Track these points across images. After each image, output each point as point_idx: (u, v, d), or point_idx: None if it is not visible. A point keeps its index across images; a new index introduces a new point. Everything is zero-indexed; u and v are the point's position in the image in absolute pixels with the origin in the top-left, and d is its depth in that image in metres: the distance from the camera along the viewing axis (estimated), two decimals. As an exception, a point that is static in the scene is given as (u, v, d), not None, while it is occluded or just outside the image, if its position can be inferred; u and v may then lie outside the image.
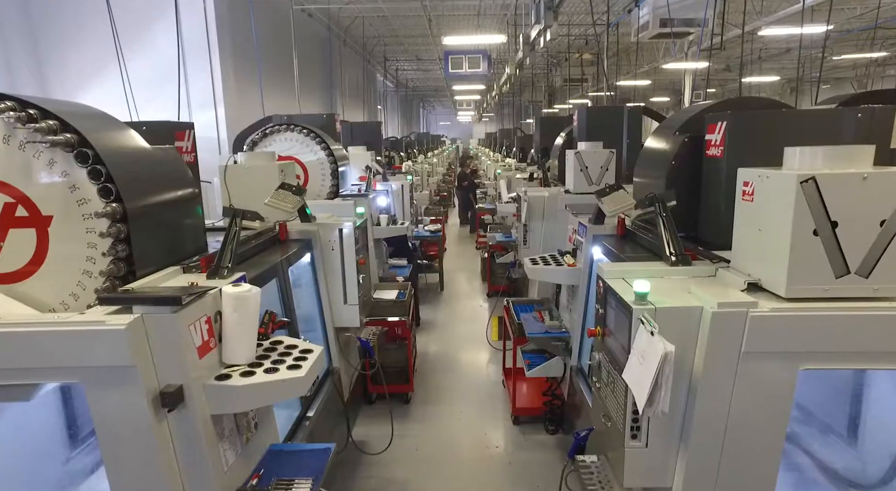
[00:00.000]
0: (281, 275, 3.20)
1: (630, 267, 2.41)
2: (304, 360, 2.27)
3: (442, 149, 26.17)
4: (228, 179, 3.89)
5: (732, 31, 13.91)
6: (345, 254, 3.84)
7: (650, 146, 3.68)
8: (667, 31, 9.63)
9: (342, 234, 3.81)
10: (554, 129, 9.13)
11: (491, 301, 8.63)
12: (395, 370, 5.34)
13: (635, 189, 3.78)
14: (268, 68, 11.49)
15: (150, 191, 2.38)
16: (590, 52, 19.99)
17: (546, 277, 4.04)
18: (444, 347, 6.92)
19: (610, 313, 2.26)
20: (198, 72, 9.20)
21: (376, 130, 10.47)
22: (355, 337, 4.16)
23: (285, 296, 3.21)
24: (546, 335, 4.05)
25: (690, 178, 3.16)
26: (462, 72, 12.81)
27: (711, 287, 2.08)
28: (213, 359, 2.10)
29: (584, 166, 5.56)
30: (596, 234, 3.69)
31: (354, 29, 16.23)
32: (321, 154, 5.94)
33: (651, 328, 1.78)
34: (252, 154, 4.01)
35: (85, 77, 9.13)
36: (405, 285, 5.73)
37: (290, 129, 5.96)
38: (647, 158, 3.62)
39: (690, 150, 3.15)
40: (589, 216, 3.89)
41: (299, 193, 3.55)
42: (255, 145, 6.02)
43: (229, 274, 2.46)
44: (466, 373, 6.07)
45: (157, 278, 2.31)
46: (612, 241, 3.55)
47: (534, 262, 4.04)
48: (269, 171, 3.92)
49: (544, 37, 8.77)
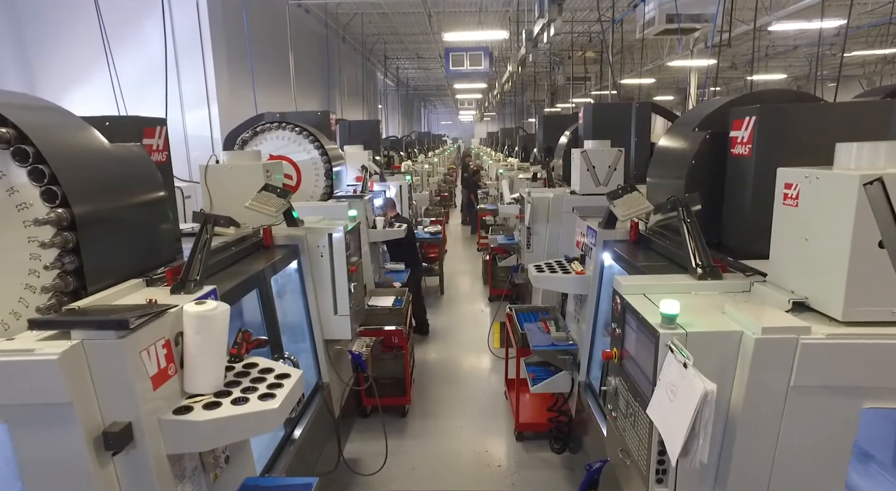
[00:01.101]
0: (263, 285, 2.92)
1: (652, 281, 2.12)
2: (279, 387, 1.99)
3: (443, 148, 25.91)
4: (210, 181, 3.62)
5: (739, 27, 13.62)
6: (335, 261, 3.56)
7: (666, 145, 3.40)
8: (673, 27, 9.33)
9: (332, 239, 3.53)
10: (558, 128, 8.84)
11: (493, 305, 8.34)
12: (391, 382, 5.05)
13: (649, 190, 3.50)
14: (264, 66, 11.21)
15: (105, 194, 2.10)
16: (593, 49, 19.71)
17: (552, 285, 3.75)
18: (444, 354, 6.63)
19: (629, 335, 1.97)
20: (190, 69, 8.93)
21: (375, 129, 10.17)
22: (346, 350, 3.87)
23: (267, 308, 2.93)
24: (552, 348, 3.76)
25: (712, 178, 2.87)
26: (463, 69, 12.52)
27: (749, 307, 1.79)
28: (172, 388, 1.82)
29: (592, 166, 5.28)
30: (607, 239, 3.41)
31: (354, 26, 15.95)
32: (314, 153, 5.66)
33: (684, 359, 1.49)
34: (235, 153, 3.73)
35: (74, 75, 8.86)
36: (402, 291, 5.44)
37: (282, 128, 5.68)
38: (663, 158, 3.34)
39: (712, 148, 2.87)
40: (598, 220, 3.60)
41: (284, 195, 3.26)
42: (246, 144, 5.74)
43: (197, 288, 2.18)
44: (467, 383, 5.79)
45: (113, 294, 2.02)
46: (625, 248, 3.26)
47: (539, 269, 3.75)
48: (254, 172, 3.63)
49: (548, 32, 8.48)
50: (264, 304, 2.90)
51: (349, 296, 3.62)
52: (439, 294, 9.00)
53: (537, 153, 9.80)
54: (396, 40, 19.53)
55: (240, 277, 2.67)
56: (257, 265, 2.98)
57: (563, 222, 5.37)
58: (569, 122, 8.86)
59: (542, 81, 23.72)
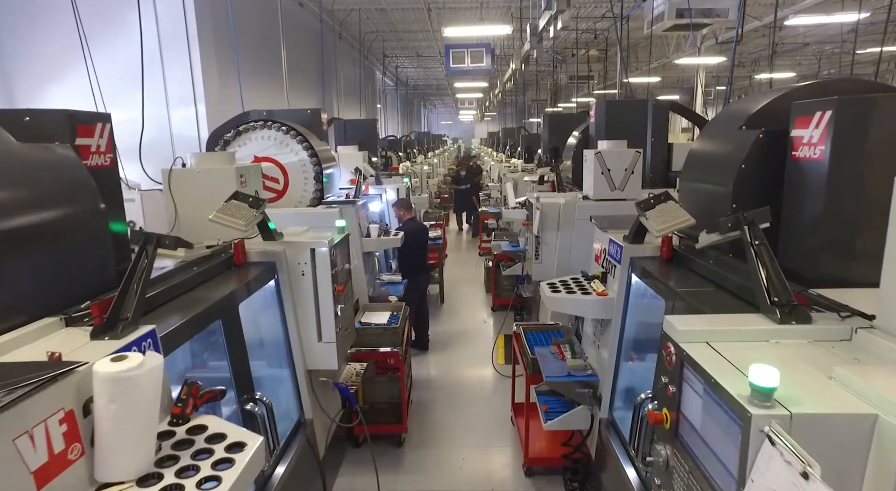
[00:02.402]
0: (228, 314, 2.44)
1: (716, 324, 1.63)
2: (229, 463, 1.51)
3: (443, 148, 25.42)
4: (175, 187, 3.14)
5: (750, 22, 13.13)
6: (318, 280, 3.08)
7: (705, 146, 2.92)
8: (684, 23, 8.85)
9: (315, 255, 3.05)
10: (563, 128, 8.38)
11: (496, 316, 7.86)
12: (386, 407, 4.56)
13: (682, 199, 3.02)
14: (256, 62, 10.72)
15: (7, 206, 1.62)
16: (597, 48, 19.22)
17: (570, 309, 3.27)
18: (444, 371, 6.15)
19: (690, 397, 1.49)
20: (176, 64, 8.44)
21: (372, 129, 9.72)
22: (331, 382, 3.38)
23: (233, 342, 2.45)
24: (569, 380, 3.28)
25: (766, 186, 2.39)
26: (464, 67, 12.03)
27: (870, 371, 1.30)
28: (73, 478, 1.34)
29: (607, 169, 4.81)
30: (634, 256, 2.92)
31: (351, 23, 15.46)
32: (303, 155, 5.19)
33: (804, 467, 1.00)
34: (205, 156, 3.25)
35: (52, 70, 8.36)
36: (399, 306, 4.96)
37: (268, 127, 5.21)
38: (702, 161, 2.85)
39: (766, 150, 2.39)
40: (622, 232, 3.12)
41: (257, 205, 2.78)
42: (228, 144, 5.27)
43: (128, 330, 1.70)
44: (469, 406, 5.30)
45: (9, 342, 1.54)
46: (656, 267, 2.78)
47: (553, 288, 3.27)
48: (225, 177, 3.16)
49: (554, 26, 7.99)
50: (230, 336, 2.42)
51: (335, 320, 3.14)
52: (439, 303, 8.50)
53: (542, 154, 9.33)
54: (395, 38, 19.03)
55: (197, 307, 2.19)
56: (222, 289, 2.50)
57: (575, 230, 4.90)
58: (575, 122, 8.39)
59: (544, 81, 23.23)
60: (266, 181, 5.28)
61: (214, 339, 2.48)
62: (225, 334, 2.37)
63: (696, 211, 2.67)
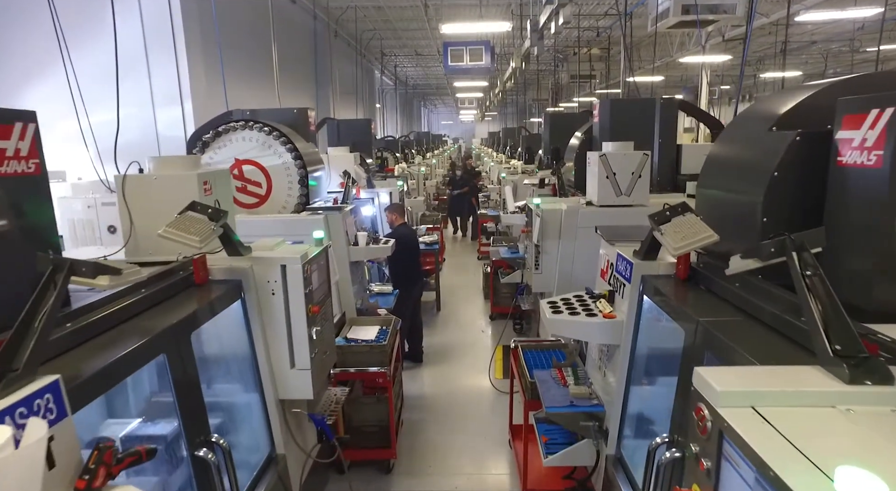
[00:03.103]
0: (176, 346, 2.09)
1: (765, 383, 1.27)
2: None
3: (443, 149, 25.08)
4: (130, 196, 2.80)
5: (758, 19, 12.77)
6: (290, 300, 2.74)
7: (727, 149, 2.57)
8: (690, 19, 8.50)
9: (286, 272, 2.71)
10: (565, 128, 8.02)
11: (494, 325, 7.51)
12: (373, 430, 4.22)
13: (699, 208, 2.67)
14: (246, 60, 10.39)
15: None
16: (598, 46, 18.88)
17: (573, 332, 2.92)
18: (438, 386, 5.80)
19: (732, 483, 1.14)
20: (161, 62, 8.11)
21: (366, 129, 9.36)
22: (305, 414, 3.04)
23: (181, 379, 2.10)
24: (572, 411, 2.93)
25: (803, 197, 2.05)
26: (463, 65, 11.67)
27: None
28: None
29: (612, 172, 4.46)
30: (646, 274, 2.58)
31: (347, 21, 15.12)
32: (287, 157, 4.85)
33: None
34: (164, 160, 2.91)
35: (33, 69, 8.04)
36: (388, 320, 4.61)
37: (249, 128, 4.86)
38: (725, 167, 2.51)
39: (805, 154, 2.04)
40: (632, 246, 2.78)
41: (216, 218, 2.44)
42: (207, 146, 4.93)
43: (21, 382, 1.35)
44: (465, 425, 4.95)
45: None
46: (672, 288, 2.43)
47: (554, 308, 2.92)
48: (186, 184, 2.81)
49: (556, 21, 7.65)
50: (177, 373, 2.07)
51: (310, 344, 2.80)
52: (435, 311, 8.16)
53: (543, 155, 8.98)
54: (394, 36, 18.70)
55: (130, 342, 1.84)
56: (172, 316, 2.15)
57: (578, 239, 4.56)
58: (577, 122, 8.04)
59: (545, 80, 22.88)
60: (248, 185, 4.95)
61: (160, 378, 2.14)
62: (171, 371, 2.02)
63: (717, 224, 2.32)
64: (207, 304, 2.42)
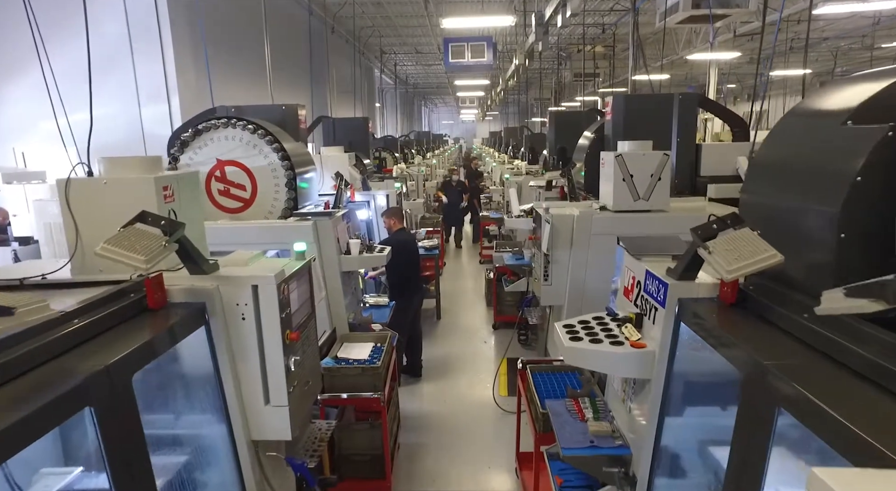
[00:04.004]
0: (107, 398, 1.66)
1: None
2: None
3: (444, 148, 24.67)
4: (74, 203, 2.39)
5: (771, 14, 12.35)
6: (263, 325, 2.33)
7: (782, 150, 2.16)
8: (701, 14, 8.09)
9: (258, 293, 2.30)
10: (571, 127, 7.64)
11: (498, 335, 7.11)
12: (365, 459, 3.82)
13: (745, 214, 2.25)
14: (238, 56, 9.99)
15: None
16: (603, 44, 18.46)
17: (597, 364, 2.50)
18: (438, 405, 5.39)
19: None
20: (147, 56, 7.71)
21: (363, 128, 8.96)
22: (282, 458, 2.62)
23: (116, 441, 1.67)
24: (593, 453, 2.52)
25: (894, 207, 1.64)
26: (464, 61, 11.28)
27: None
28: None
29: (629, 174, 4.06)
30: (684, 297, 2.16)
31: (345, 17, 14.71)
32: (273, 157, 4.45)
33: None
34: (118, 160, 2.50)
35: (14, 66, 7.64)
36: (383, 337, 4.21)
37: (232, 126, 4.45)
38: (782, 170, 2.09)
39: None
40: (664, 261, 2.37)
41: (170, 230, 2.03)
42: (186, 146, 4.53)
43: None
44: (466, 451, 4.54)
45: None
46: (717, 316, 2.02)
47: (572, 332, 2.50)
48: (142, 189, 2.41)
49: (563, 13, 7.25)
50: (109, 432, 1.64)
51: (287, 376, 2.39)
52: (436, 319, 7.75)
53: (548, 155, 8.58)
54: (393, 33, 18.29)
55: (39, 398, 1.43)
56: (109, 353, 1.74)
57: (591, 247, 4.17)
58: (583, 120, 7.64)
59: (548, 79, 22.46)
60: (231, 188, 4.56)
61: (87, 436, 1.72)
62: (100, 431, 1.60)
63: (774, 241, 1.91)
64: (163, 333, 2.01)
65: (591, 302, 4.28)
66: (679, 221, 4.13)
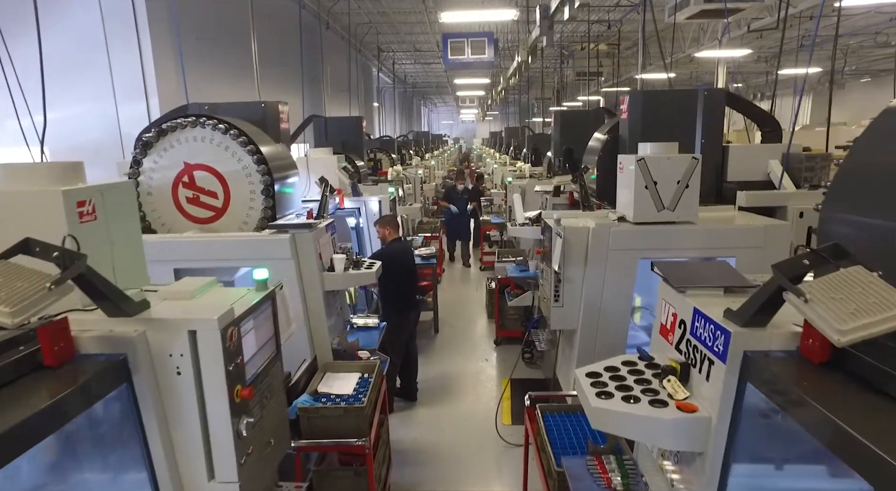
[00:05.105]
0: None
1: None
2: None
3: (443, 149, 24.16)
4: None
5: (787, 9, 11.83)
6: (204, 381, 1.81)
7: (883, 155, 1.63)
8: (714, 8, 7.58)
9: (196, 341, 1.78)
10: (577, 127, 7.12)
11: (500, 351, 6.58)
12: (350, 511, 3.30)
13: (825, 241, 1.72)
14: (226, 53, 9.46)
15: None
16: (606, 42, 17.92)
17: (634, 432, 1.96)
18: (434, 434, 4.86)
19: None
20: (123, 51, 7.17)
21: (357, 127, 8.45)
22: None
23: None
24: (626, 540, 2.00)
25: None
26: (464, 58, 10.76)
27: None
28: None
29: (652, 181, 3.55)
30: (752, 350, 1.64)
31: (340, 13, 14.17)
32: (248, 161, 3.92)
33: None
34: (16, 168, 1.97)
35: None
36: (371, 366, 3.68)
37: (202, 125, 3.93)
38: (889, 182, 1.57)
39: None
40: (719, 300, 1.85)
41: (68, 261, 1.50)
42: (150, 148, 4.00)
43: None
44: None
45: None
46: (802, 380, 1.49)
47: (599, 387, 1.97)
48: (48, 205, 1.88)
49: (571, 5, 6.72)
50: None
51: (235, 444, 1.87)
52: (433, 333, 7.22)
53: (553, 157, 8.05)
54: (391, 31, 17.76)
55: None
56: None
57: (608, 263, 3.65)
58: (590, 120, 7.14)
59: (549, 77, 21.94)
60: (201, 196, 4.03)
61: None
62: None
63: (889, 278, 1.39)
64: (63, 399, 1.49)
65: (608, 327, 3.77)
66: (710, 236, 3.63)
